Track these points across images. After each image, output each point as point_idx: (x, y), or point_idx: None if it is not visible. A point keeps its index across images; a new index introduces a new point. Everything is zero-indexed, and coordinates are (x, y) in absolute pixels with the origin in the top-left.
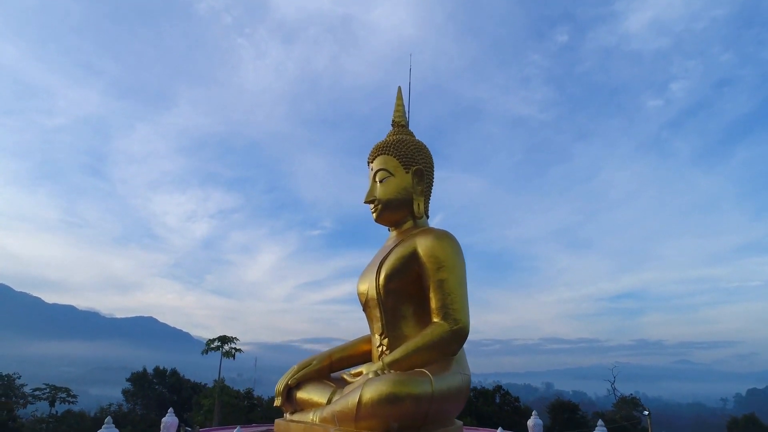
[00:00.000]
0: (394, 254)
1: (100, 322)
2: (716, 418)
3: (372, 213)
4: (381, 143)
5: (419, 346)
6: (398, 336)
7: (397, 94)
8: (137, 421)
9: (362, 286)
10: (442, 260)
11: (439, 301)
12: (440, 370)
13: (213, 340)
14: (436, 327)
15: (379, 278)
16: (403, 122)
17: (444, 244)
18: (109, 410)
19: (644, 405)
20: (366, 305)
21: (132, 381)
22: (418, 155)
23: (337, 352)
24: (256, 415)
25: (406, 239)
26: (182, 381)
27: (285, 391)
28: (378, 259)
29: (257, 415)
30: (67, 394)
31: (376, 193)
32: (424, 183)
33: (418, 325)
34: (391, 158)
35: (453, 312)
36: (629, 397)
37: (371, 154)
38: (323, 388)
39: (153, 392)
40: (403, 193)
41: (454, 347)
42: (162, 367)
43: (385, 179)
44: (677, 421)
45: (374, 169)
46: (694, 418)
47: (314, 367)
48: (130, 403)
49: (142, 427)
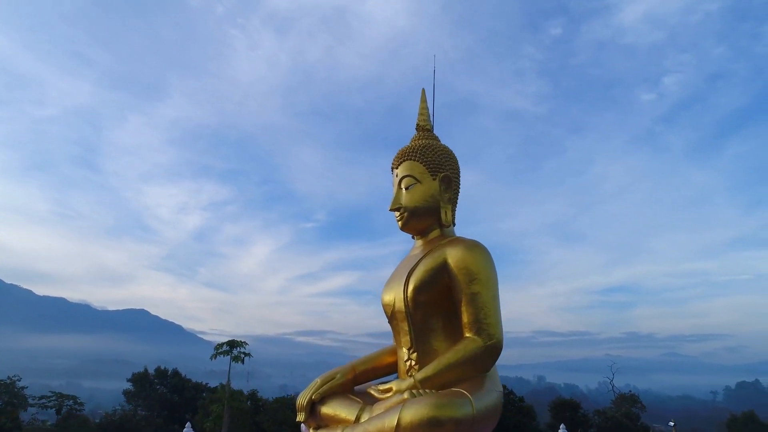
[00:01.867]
0: (422, 265)
1: (92, 315)
2: (706, 411)
3: (397, 221)
4: (406, 148)
5: (452, 362)
6: (427, 350)
7: (421, 97)
8: (142, 426)
9: (387, 296)
10: (474, 272)
11: (472, 315)
12: (476, 389)
13: (221, 344)
14: (469, 342)
15: (407, 290)
16: (428, 126)
17: (476, 255)
18: (114, 416)
19: (642, 402)
20: (392, 317)
21: (133, 381)
22: (445, 161)
23: (360, 365)
24: (263, 418)
25: (435, 249)
26: (184, 381)
27: (309, 405)
28: (404, 269)
29: (264, 418)
30: (74, 401)
31: (401, 200)
32: (451, 190)
33: (448, 339)
34: (418, 164)
35: (487, 327)
36: (628, 393)
37: (396, 160)
38: (350, 404)
39: (154, 393)
40: (430, 200)
41: (488, 363)
42: (163, 366)
43: (411, 186)
44: (667, 414)
45: (399, 176)
46: (684, 410)
47: (338, 381)
48: (131, 403)
49: (149, 431)
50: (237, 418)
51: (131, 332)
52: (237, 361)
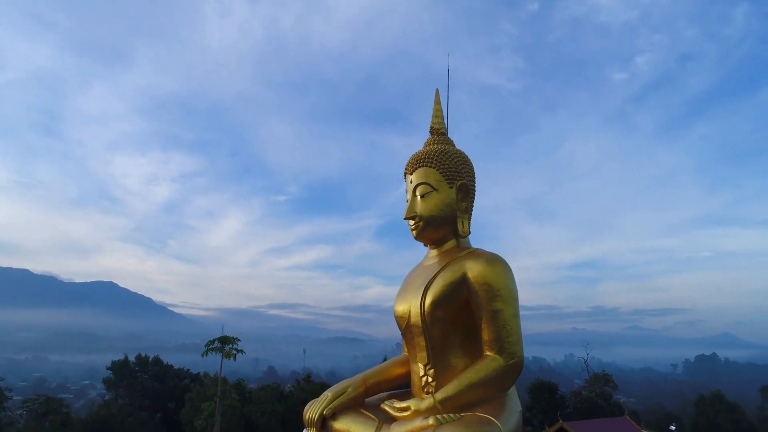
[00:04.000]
0: (441, 279)
1: (58, 287)
2: (667, 383)
3: (411, 230)
4: (421, 153)
5: (474, 382)
6: (445, 367)
7: (435, 98)
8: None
9: (401, 307)
10: (496, 289)
11: (494, 333)
12: (500, 411)
13: (213, 341)
14: (490, 362)
15: (423, 304)
16: (442, 129)
17: (497, 270)
18: (99, 412)
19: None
20: (407, 330)
21: (113, 370)
22: (462, 168)
23: (371, 377)
24: (251, 409)
25: (453, 262)
26: (166, 368)
27: (320, 421)
28: (418, 279)
29: (252, 409)
30: (60, 404)
31: (416, 209)
32: (468, 199)
33: (466, 355)
34: (434, 171)
35: (509, 346)
36: (601, 373)
37: (410, 165)
38: (365, 421)
39: (136, 381)
40: (447, 210)
41: (509, 383)
42: (144, 354)
43: (426, 194)
44: (630, 386)
45: (414, 182)
46: (645, 383)
47: (350, 395)
48: (111, 392)
49: (134, 425)
50: (227, 413)
51: (99, 305)
52: (229, 358)
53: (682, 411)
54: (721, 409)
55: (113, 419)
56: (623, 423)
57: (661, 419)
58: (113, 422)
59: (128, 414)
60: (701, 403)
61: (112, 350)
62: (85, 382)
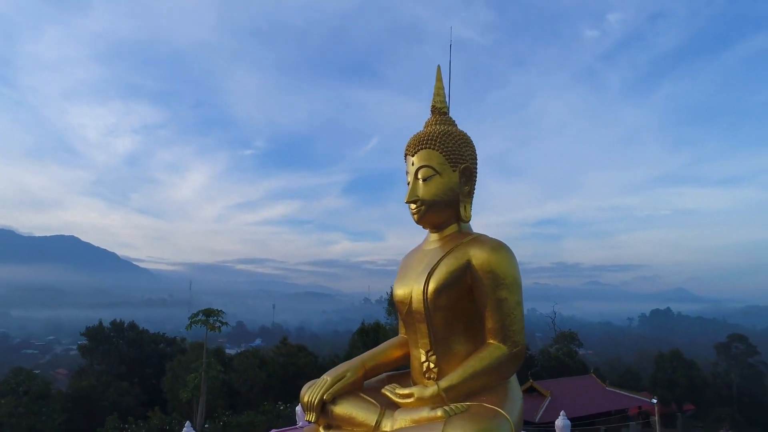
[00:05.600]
0: (444, 266)
1: (17, 241)
2: (623, 336)
3: (413, 214)
4: (423, 135)
5: (477, 371)
6: (447, 353)
7: (437, 75)
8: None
9: (401, 291)
10: (501, 277)
11: (498, 322)
12: (505, 401)
13: (197, 314)
14: (494, 350)
15: (426, 292)
16: (444, 108)
17: (502, 258)
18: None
19: (579, 339)
20: (408, 315)
21: (87, 336)
22: (466, 151)
23: (369, 361)
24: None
25: (456, 249)
26: (142, 334)
27: (320, 405)
28: (420, 264)
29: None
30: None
31: (418, 192)
32: (471, 183)
33: (468, 342)
34: (437, 154)
35: (512, 334)
36: (567, 331)
37: (411, 147)
38: (366, 407)
39: (112, 347)
40: (450, 194)
41: (512, 371)
42: (119, 319)
43: (429, 178)
44: (589, 339)
45: (416, 165)
46: (603, 336)
47: (349, 379)
48: (86, 358)
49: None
50: (212, 385)
51: (61, 260)
52: (213, 330)
53: (639, 365)
54: (678, 366)
55: (93, 390)
56: (589, 381)
57: (622, 375)
58: (94, 393)
59: (108, 384)
60: (661, 360)
61: (77, 305)
62: (50, 338)
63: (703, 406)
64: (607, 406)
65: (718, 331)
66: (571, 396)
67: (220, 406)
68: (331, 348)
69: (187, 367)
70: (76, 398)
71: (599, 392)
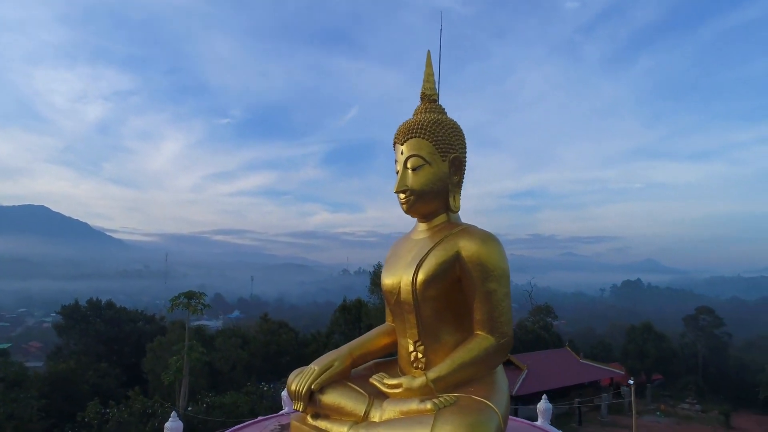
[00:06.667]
0: (433, 257)
1: None
2: (595, 306)
3: (401, 203)
4: (412, 123)
5: (465, 362)
6: (435, 343)
7: (427, 61)
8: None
9: (389, 280)
10: (490, 269)
11: (486, 313)
12: (492, 392)
13: (178, 296)
14: (481, 341)
15: (415, 283)
16: (434, 96)
17: (491, 250)
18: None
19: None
20: (396, 305)
21: (63, 314)
22: (456, 141)
23: (357, 349)
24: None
25: (446, 240)
26: (119, 312)
27: (308, 395)
28: (408, 254)
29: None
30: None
31: (408, 182)
32: (461, 173)
33: (456, 332)
34: (427, 143)
35: (500, 325)
36: (544, 305)
37: (401, 135)
38: (355, 396)
39: (90, 327)
40: (439, 184)
41: (499, 361)
42: (96, 297)
43: (419, 167)
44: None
45: (406, 154)
46: (576, 306)
47: (337, 368)
48: (62, 338)
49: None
50: (195, 367)
51: (31, 230)
52: (195, 313)
53: (611, 336)
54: (649, 338)
55: (72, 373)
56: (564, 354)
57: (594, 346)
58: (72, 376)
59: (87, 366)
60: (632, 332)
61: (48, 277)
62: (21, 310)
63: (670, 376)
64: (581, 378)
65: (686, 302)
66: (547, 369)
67: (203, 387)
68: (311, 319)
69: (169, 348)
70: (54, 381)
71: (574, 365)
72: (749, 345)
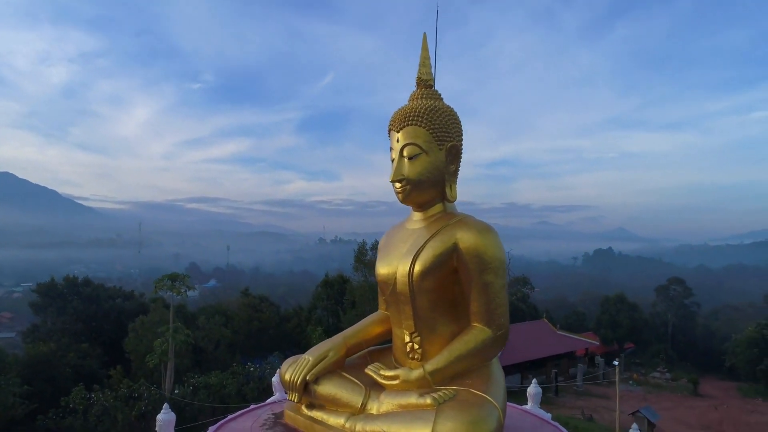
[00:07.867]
0: (430, 249)
1: None
2: (567, 275)
3: (397, 193)
4: (408, 109)
5: (462, 353)
6: (431, 335)
7: (423, 44)
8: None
9: (385, 270)
10: (487, 261)
11: (483, 305)
12: (490, 385)
13: (162, 278)
14: (478, 333)
15: (412, 273)
16: (430, 81)
17: (488, 241)
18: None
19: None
20: (392, 296)
21: (39, 293)
22: (453, 128)
23: (351, 338)
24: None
25: (443, 231)
26: (97, 289)
27: (302, 386)
28: (404, 245)
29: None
30: None
31: (404, 171)
32: (457, 162)
33: (452, 323)
34: (423, 131)
35: (497, 317)
36: (521, 276)
37: (396, 122)
38: (352, 387)
39: (67, 305)
40: (436, 173)
41: (495, 353)
42: (72, 274)
43: (415, 156)
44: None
45: (402, 142)
46: (549, 274)
47: (332, 359)
48: (39, 316)
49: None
50: (180, 349)
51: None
52: (178, 294)
53: (583, 305)
54: (622, 308)
55: (53, 355)
56: (542, 325)
57: (568, 316)
58: (53, 358)
59: (67, 347)
60: (606, 302)
61: (17, 245)
62: None
63: (642, 344)
64: (558, 348)
65: (655, 270)
66: (526, 340)
67: (187, 367)
68: (288, 289)
69: (151, 329)
70: (34, 364)
71: (551, 336)
72: (715, 312)
